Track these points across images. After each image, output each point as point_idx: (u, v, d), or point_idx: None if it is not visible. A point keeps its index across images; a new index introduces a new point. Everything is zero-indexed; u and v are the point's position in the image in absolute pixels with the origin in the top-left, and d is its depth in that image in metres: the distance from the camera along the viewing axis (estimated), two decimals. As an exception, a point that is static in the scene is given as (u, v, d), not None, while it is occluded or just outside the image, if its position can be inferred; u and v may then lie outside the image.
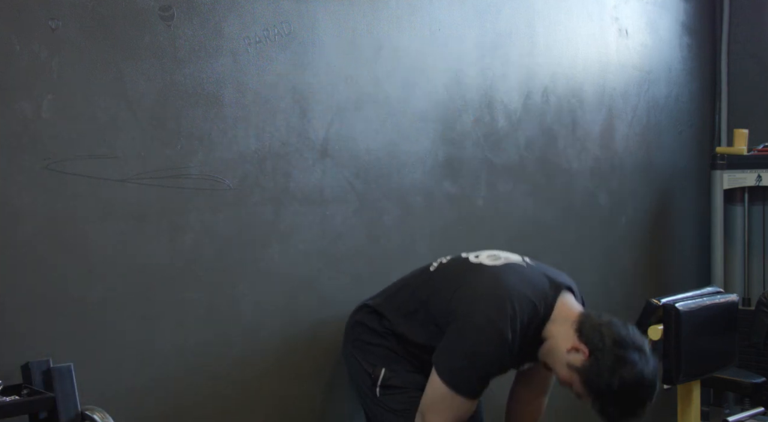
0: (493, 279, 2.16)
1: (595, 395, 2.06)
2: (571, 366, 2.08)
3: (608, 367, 2.03)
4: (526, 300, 2.12)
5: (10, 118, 1.83)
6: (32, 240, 1.87)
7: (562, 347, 2.10)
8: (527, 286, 2.15)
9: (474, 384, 2.08)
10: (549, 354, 2.14)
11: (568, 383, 2.11)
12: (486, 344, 2.06)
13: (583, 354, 2.06)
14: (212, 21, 2.17)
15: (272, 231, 2.33)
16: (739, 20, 4.38)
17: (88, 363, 1.93)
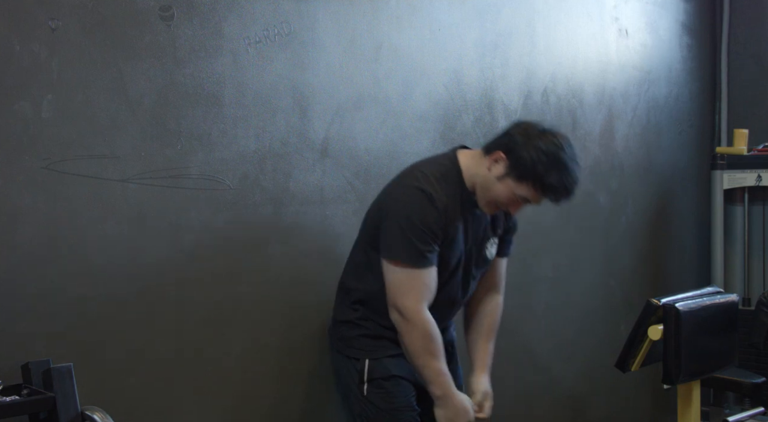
0: (400, 173, 2.27)
1: (532, 179, 2.10)
2: (500, 177, 2.13)
3: (525, 147, 2.10)
4: (430, 163, 2.22)
5: (10, 118, 1.83)
6: (32, 240, 1.87)
7: (484, 172, 2.15)
8: (427, 160, 2.28)
9: (420, 249, 2.09)
10: (482, 188, 2.17)
11: (510, 196, 2.14)
12: (410, 206, 2.11)
13: (502, 159, 2.12)
14: (212, 21, 2.17)
15: (272, 231, 2.33)
16: (739, 20, 4.38)
17: (88, 363, 1.93)
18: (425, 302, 2.13)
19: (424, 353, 2.14)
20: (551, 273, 3.36)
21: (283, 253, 2.35)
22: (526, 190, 2.13)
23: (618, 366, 2.73)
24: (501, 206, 2.19)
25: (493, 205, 2.19)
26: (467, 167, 2.20)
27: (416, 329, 2.12)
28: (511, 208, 2.20)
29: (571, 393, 3.48)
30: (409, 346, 2.15)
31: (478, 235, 2.28)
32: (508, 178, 2.12)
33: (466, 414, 2.21)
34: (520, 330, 3.23)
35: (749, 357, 3.58)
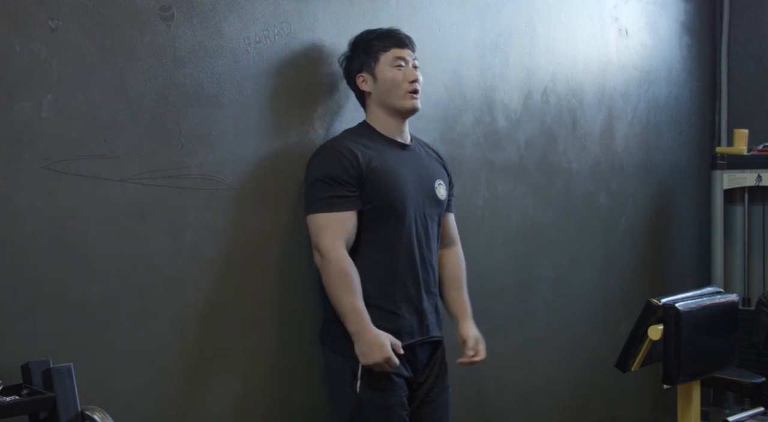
0: None
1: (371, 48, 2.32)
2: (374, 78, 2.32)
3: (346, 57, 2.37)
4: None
5: (10, 118, 1.83)
6: (32, 240, 1.87)
7: (371, 98, 2.35)
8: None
9: (328, 196, 2.20)
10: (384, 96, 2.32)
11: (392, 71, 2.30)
12: (313, 164, 2.27)
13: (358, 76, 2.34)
14: (212, 21, 2.17)
15: (272, 231, 2.33)
16: (739, 20, 4.38)
17: (88, 363, 1.93)
18: (341, 240, 2.20)
19: (338, 288, 2.19)
20: (551, 273, 3.36)
21: (283, 253, 2.35)
22: (383, 57, 2.31)
23: (618, 366, 2.73)
24: (403, 85, 2.31)
25: (400, 91, 2.31)
26: (371, 120, 2.37)
27: (332, 265, 2.18)
28: (408, 76, 2.32)
29: (571, 393, 3.48)
30: (327, 282, 2.21)
31: (422, 173, 2.36)
32: (372, 70, 2.32)
33: (381, 349, 2.16)
34: (520, 330, 3.23)
35: (749, 357, 3.58)
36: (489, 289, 3.05)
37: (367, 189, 2.24)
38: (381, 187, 2.26)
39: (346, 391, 2.26)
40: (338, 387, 2.30)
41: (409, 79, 2.32)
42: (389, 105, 2.34)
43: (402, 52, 2.34)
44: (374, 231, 2.27)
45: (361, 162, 2.24)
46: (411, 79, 2.33)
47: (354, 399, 2.24)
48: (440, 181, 2.42)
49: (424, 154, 2.44)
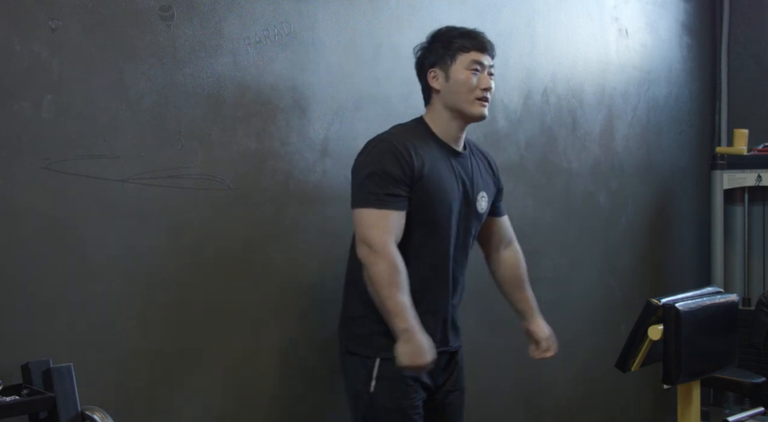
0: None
1: (452, 46, 2.23)
2: (446, 77, 2.23)
3: (424, 50, 2.28)
4: (394, 127, 2.29)
5: (10, 118, 1.83)
6: (32, 240, 1.87)
7: (438, 96, 2.25)
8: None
9: (381, 193, 2.12)
10: (452, 98, 2.23)
11: (466, 75, 2.21)
12: (368, 158, 2.17)
13: (429, 71, 2.25)
14: (212, 21, 2.17)
15: (272, 231, 2.33)
16: (739, 20, 4.38)
17: (88, 363, 1.93)
18: (392, 237, 2.13)
19: (390, 285, 2.10)
20: (551, 273, 3.36)
21: (283, 253, 2.35)
22: (462, 57, 2.21)
23: (618, 366, 2.73)
24: (475, 91, 2.22)
25: (470, 96, 2.22)
26: (430, 118, 2.28)
27: (383, 260, 2.10)
28: (481, 83, 2.23)
29: (571, 392, 3.48)
30: (375, 278, 2.11)
31: (469, 184, 2.30)
32: (446, 67, 2.22)
33: (425, 354, 2.11)
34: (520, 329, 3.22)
35: (749, 357, 3.58)
36: (489, 289, 3.05)
37: (413, 194, 2.17)
38: (427, 196, 2.18)
39: (360, 391, 2.23)
40: (352, 387, 2.27)
41: (482, 86, 2.22)
42: (456, 107, 2.23)
43: (481, 57, 2.23)
44: (411, 238, 2.20)
45: (415, 164, 2.15)
46: (484, 87, 2.23)
47: (368, 399, 2.22)
48: (483, 194, 2.34)
49: (475, 163, 2.34)
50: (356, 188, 2.18)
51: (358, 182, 2.18)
